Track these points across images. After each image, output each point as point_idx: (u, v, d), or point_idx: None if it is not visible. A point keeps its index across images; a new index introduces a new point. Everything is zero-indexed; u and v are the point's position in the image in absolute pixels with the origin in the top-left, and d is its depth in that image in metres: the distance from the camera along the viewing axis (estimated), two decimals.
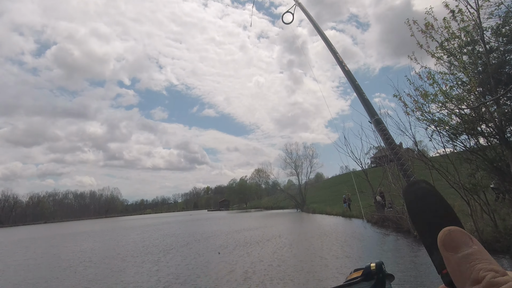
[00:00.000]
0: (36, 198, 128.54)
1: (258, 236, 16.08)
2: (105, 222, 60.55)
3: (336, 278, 6.96)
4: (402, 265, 7.86)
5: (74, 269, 10.68)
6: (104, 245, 17.95)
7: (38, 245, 21.32)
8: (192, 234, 20.69)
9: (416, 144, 10.98)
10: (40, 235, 33.56)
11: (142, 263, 10.77)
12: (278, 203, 53.56)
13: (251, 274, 8.06)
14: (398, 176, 12.95)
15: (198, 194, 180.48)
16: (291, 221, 26.84)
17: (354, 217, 22.17)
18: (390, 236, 13.05)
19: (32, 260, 13.51)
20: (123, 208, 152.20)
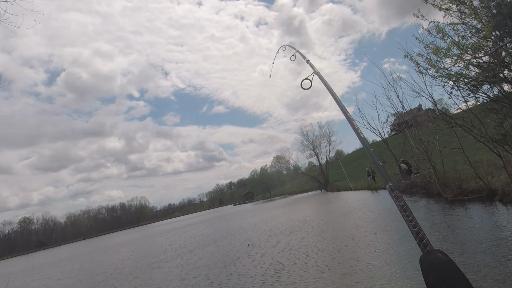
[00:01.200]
0: (73, 217, 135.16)
1: (285, 223, 16.05)
2: (137, 231, 62.55)
3: (371, 257, 6.79)
4: (438, 231, 7.56)
5: (108, 278, 11.02)
6: (135, 253, 18.46)
7: (78, 260, 22.26)
8: (220, 230, 20.95)
9: (435, 103, 10.44)
10: (79, 251, 35.06)
11: (173, 263, 10.96)
12: (302, 187, 53.41)
13: (283, 261, 8.01)
14: (420, 140, 12.44)
15: (221, 190, 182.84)
16: (316, 202, 26.67)
17: (380, 188, 21.74)
18: (420, 202, 12.65)
19: (73, 277, 14.08)
20: (153, 215, 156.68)
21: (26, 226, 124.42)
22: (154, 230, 46.50)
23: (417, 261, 1.39)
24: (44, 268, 22.63)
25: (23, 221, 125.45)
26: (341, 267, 6.29)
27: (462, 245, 5.93)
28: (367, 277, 5.36)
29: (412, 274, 4.89)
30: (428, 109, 12.87)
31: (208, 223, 31.20)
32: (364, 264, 6.17)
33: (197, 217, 59.88)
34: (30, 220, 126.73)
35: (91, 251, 30.49)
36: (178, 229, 33.17)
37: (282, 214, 21.92)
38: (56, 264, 23.86)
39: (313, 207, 22.73)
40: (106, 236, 78.64)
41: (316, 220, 14.51)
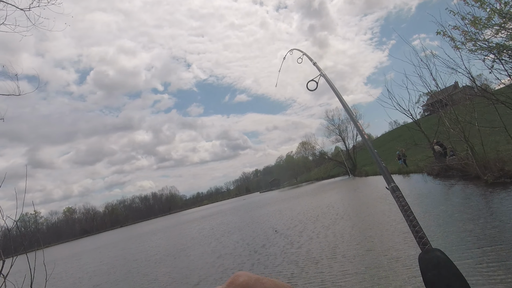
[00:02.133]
0: (110, 207, 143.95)
1: (312, 210, 15.91)
2: (169, 219, 65.18)
3: (406, 248, 6.52)
4: (477, 216, 7.09)
5: (143, 262, 11.55)
6: (165, 241, 19.21)
7: (114, 248, 23.62)
8: (247, 217, 21.22)
9: (473, 79, 9.65)
10: (116, 239, 37.22)
11: (205, 246, 11.25)
12: (328, 172, 52.73)
13: (309, 248, 7.93)
14: (456, 120, 11.63)
15: (248, 178, 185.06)
16: (343, 188, 26.17)
17: (412, 172, 20.84)
18: (456, 185, 11.95)
19: (108, 264, 14.92)
20: (183, 203, 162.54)
21: (70, 216, 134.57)
22: (184, 218, 48.19)
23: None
24: (83, 255, 24.27)
25: (67, 211, 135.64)
26: (369, 257, 6.10)
27: (505, 231, 5.50)
28: (393, 268, 5.15)
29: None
30: (466, 86, 11.93)
31: (235, 211, 31.76)
32: (391, 253, 5.94)
33: (224, 205, 61.23)
34: (73, 210, 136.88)
35: (127, 238, 32.22)
36: (207, 216, 34.09)
37: (309, 201, 21.76)
38: (94, 251, 25.50)
39: (340, 193, 22.32)
40: (141, 224, 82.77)
41: (343, 207, 14.23)
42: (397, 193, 0.72)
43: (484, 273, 4.14)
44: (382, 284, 4.54)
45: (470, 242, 5.42)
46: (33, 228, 15.57)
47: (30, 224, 50.03)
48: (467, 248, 5.16)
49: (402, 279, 4.55)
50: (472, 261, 4.56)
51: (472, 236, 5.70)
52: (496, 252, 4.70)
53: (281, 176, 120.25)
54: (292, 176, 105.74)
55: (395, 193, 0.74)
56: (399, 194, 0.72)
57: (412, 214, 0.62)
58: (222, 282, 0.35)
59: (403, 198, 0.70)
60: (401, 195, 0.72)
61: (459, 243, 5.48)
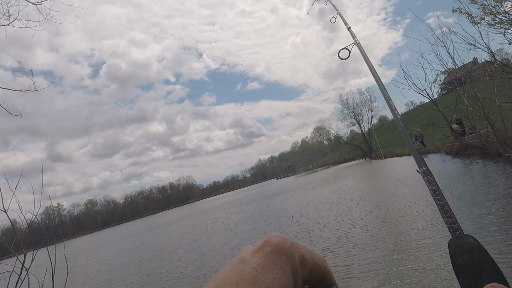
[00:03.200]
0: (129, 198, 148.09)
1: (328, 195, 16.02)
2: (187, 208, 66.79)
3: (421, 230, 6.59)
4: (498, 196, 7.02)
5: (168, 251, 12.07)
6: (178, 232, 19.88)
7: (130, 240, 24.63)
8: (264, 203, 21.58)
9: (493, 54, 9.33)
10: (134, 230, 38.67)
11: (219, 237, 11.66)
12: (344, 156, 52.36)
13: (327, 232, 8.11)
14: (475, 97, 11.31)
15: (263, 165, 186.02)
16: (360, 171, 26.03)
17: (430, 152, 20.46)
18: (476, 164, 11.73)
19: (124, 257, 15.66)
20: (200, 193, 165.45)
21: (91, 208, 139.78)
22: (200, 207, 49.33)
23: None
24: (102, 247, 25.43)
25: (88, 202, 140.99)
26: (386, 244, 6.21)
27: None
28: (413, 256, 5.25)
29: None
30: (485, 62, 11.52)
31: (252, 198, 32.24)
32: (410, 239, 6.03)
33: (241, 193, 62.11)
34: (94, 202, 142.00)
35: (145, 229, 33.41)
36: (223, 205, 34.80)
37: (326, 185, 21.85)
38: (111, 244, 26.62)
39: (356, 176, 22.25)
40: (160, 214, 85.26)
41: (359, 191, 14.27)
42: (429, 176, 0.71)
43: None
44: (408, 273, 4.68)
45: (496, 224, 5.45)
46: (57, 221, 16.10)
47: (54, 217, 52.18)
48: (492, 230, 5.20)
49: (429, 264, 4.66)
50: (497, 243, 4.62)
51: (496, 217, 5.71)
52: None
53: (297, 161, 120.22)
54: (307, 161, 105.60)
55: (426, 177, 0.73)
56: (430, 178, 0.70)
57: (443, 199, 0.62)
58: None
59: (434, 182, 0.69)
60: (433, 179, 0.71)
61: (484, 226, 5.51)
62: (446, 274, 3.86)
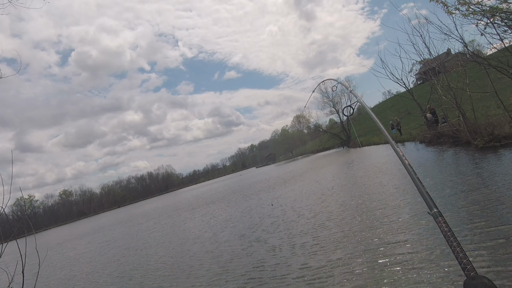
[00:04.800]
0: (106, 188, 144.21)
1: (306, 184, 16.27)
2: (165, 198, 66.00)
3: (396, 216, 6.80)
4: (466, 180, 7.38)
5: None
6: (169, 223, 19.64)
7: (101, 233, 24.10)
8: (242, 192, 21.66)
9: (466, 45, 9.64)
10: (107, 222, 37.85)
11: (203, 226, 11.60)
12: (323, 145, 53.23)
13: (307, 219, 8.25)
14: (448, 87, 11.72)
15: (243, 154, 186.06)
16: (337, 159, 26.59)
17: (405, 141, 21.20)
18: (448, 152, 12.26)
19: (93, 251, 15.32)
20: (180, 182, 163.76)
21: (66, 198, 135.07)
22: (179, 196, 48.93)
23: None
24: (74, 242, 24.78)
25: (63, 193, 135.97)
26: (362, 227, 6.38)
27: (495, 192, 5.78)
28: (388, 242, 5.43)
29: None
30: (458, 53, 11.93)
31: (231, 187, 32.27)
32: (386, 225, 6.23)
33: (221, 181, 62.02)
34: (69, 193, 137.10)
35: (117, 222, 32.79)
36: (201, 195, 34.65)
37: (304, 173, 22.18)
38: (81, 238, 26.01)
39: (334, 164, 22.72)
40: (138, 204, 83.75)
41: (335, 178, 14.60)
42: (440, 219, 0.71)
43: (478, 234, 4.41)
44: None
45: (464, 207, 5.71)
46: (29, 212, 15.38)
47: (26, 208, 49.57)
48: (458, 208, 5.46)
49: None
50: (465, 223, 4.85)
51: (463, 199, 5.99)
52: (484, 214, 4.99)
53: (277, 150, 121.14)
54: (287, 150, 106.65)
55: (437, 219, 0.73)
56: (441, 220, 0.70)
57: (456, 241, 0.61)
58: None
59: (446, 224, 0.69)
60: (444, 221, 0.71)
61: (454, 208, 5.77)
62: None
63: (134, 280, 7.10)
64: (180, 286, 5.77)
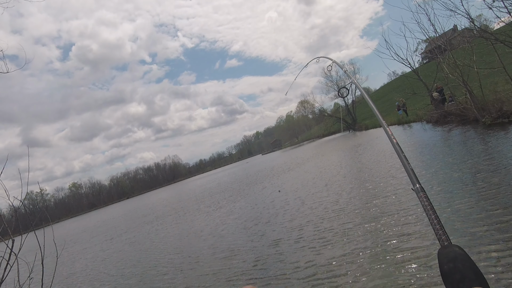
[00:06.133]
0: (115, 180, 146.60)
1: (311, 169, 16.33)
2: (173, 188, 66.87)
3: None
4: (475, 157, 7.34)
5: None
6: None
7: (103, 227, 24.64)
8: (250, 179, 21.85)
9: (472, 20, 9.39)
10: (113, 214, 38.60)
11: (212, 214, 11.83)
12: (329, 129, 52.88)
13: (312, 204, 8.34)
14: (454, 65, 11.48)
15: (249, 141, 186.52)
16: (343, 143, 26.51)
17: (412, 121, 20.96)
18: (455, 130, 12.12)
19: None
20: (187, 171, 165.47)
21: (76, 191, 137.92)
22: (187, 186, 49.53)
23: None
24: (79, 236, 25.40)
25: (73, 186, 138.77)
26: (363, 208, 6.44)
27: (504, 169, 5.76)
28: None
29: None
30: (465, 29, 11.62)
31: (239, 175, 32.52)
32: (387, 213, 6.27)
33: (227, 170, 62.48)
34: (79, 185, 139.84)
35: (122, 214, 33.44)
36: (208, 183, 35.00)
37: (309, 159, 22.23)
38: (86, 232, 26.63)
39: (340, 148, 22.68)
40: (146, 194, 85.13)
41: (342, 163, 14.61)
42: (421, 193, 0.76)
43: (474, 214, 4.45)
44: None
45: (467, 188, 5.72)
46: (40, 205, 15.88)
47: (38, 202, 51.02)
48: (463, 192, 5.48)
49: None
50: (466, 201, 4.88)
51: (467, 182, 5.99)
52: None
53: (282, 136, 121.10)
54: (293, 135, 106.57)
55: (419, 194, 0.78)
56: (423, 195, 0.75)
57: (434, 214, 0.67)
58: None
59: (427, 199, 0.73)
60: (425, 196, 0.75)
61: (457, 189, 5.78)
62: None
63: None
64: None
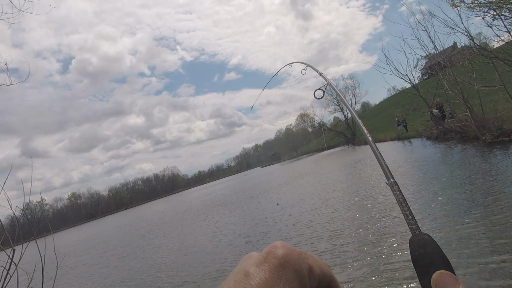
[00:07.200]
0: (114, 190, 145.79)
1: (311, 183, 16.18)
2: (171, 199, 66.31)
3: None
4: (475, 175, 7.22)
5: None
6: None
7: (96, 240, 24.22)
8: (249, 192, 21.62)
9: (472, 38, 9.45)
10: (109, 226, 38.08)
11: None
12: (328, 143, 52.83)
13: (312, 221, 8.17)
14: (454, 81, 11.51)
15: (248, 153, 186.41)
16: (343, 158, 26.37)
17: (412, 137, 20.93)
18: (455, 148, 12.04)
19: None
20: (186, 182, 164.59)
21: (75, 201, 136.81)
22: (185, 197, 49.09)
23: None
24: (76, 247, 24.94)
25: (72, 196, 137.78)
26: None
27: (503, 186, 5.64)
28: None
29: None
30: (465, 46, 11.72)
31: (236, 187, 32.25)
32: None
33: (226, 182, 62.10)
34: (78, 195, 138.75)
35: (118, 226, 32.97)
36: (208, 194, 34.67)
37: (308, 174, 22.07)
38: (79, 244, 26.18)
39: (338, 163, 22.54)
40: (145, 205, 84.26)
41: (341, 177, 14.47)
42: (395, 187, 0.81)
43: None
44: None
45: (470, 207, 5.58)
46: (39, 216, 15.72)
47: (37, 212, 50.82)
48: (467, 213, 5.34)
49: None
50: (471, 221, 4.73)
51: (469, 199, 5.86)
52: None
53: (281, 149, 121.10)
54: (292, 149, 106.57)
55: (393, 188, 0.83)
56: (396, 189, 0.80)
57: (406, 206, 0.71)
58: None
59: (400, 192, 0.78)
60: (399, 189, 0.81)
61: (459, 211, 5.64)
62: None
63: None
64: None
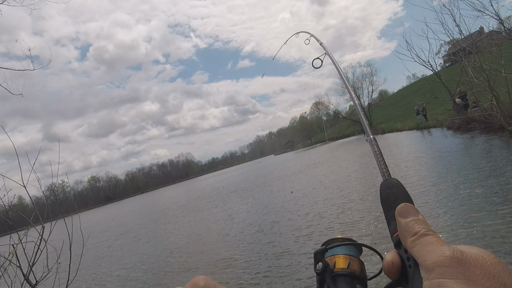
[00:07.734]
0: (130, 175, 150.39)
1: (324, 172, 16.12)
2: (185, 184, 67.54)
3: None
4: (504, 166, 7.01)
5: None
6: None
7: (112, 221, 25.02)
8: (262, 179, 21.76)
9: (502, 22, 8.99)
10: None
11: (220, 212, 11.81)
12: (343, 132, 52.10)
13: (325, 208, 8.19)
14: (480, 68, 11.01)
15: (261, 141, 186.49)
16: (357, 148, 25.98)
17: (432, 127, 20.30)
18: (478, 138, 11.57)
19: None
20: (199, 169, 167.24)
21: (94, 184, 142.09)
22: (198, 184, 49.89)
23: None
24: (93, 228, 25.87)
25: (91, 179, 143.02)
26: None
27: None
28: None
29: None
30: (492, 31, 11.15)
31: (249, 175, 32.47)
32: None
33: (240, 169, 62.60)
34: (97, 179, 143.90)
35: (133, 210, 33.91)
36: (218, 183, 35.06)
37: (322, 163, 21.94)
38: (93, 226, 27.10)
39: (352, 153, 22.21)
40: (160, 190, 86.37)
41: (353, 168, 14.34)
42: (374, 142, 0.86)
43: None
44: None
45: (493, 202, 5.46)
46: (61, 197, 16.39)
47: (59, 193, 53.64)
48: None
49: None
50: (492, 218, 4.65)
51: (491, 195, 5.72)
52: None
53: (295, 137, 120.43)
54: (306, 137, 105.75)
55: (371, 143, 0.87)
56: (374, 143, 0.85)
57: (381, 156, 0.77)
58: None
59: (377, 147, 0.84)
60: (376, 144, 0.85)
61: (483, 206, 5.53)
62: None
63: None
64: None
